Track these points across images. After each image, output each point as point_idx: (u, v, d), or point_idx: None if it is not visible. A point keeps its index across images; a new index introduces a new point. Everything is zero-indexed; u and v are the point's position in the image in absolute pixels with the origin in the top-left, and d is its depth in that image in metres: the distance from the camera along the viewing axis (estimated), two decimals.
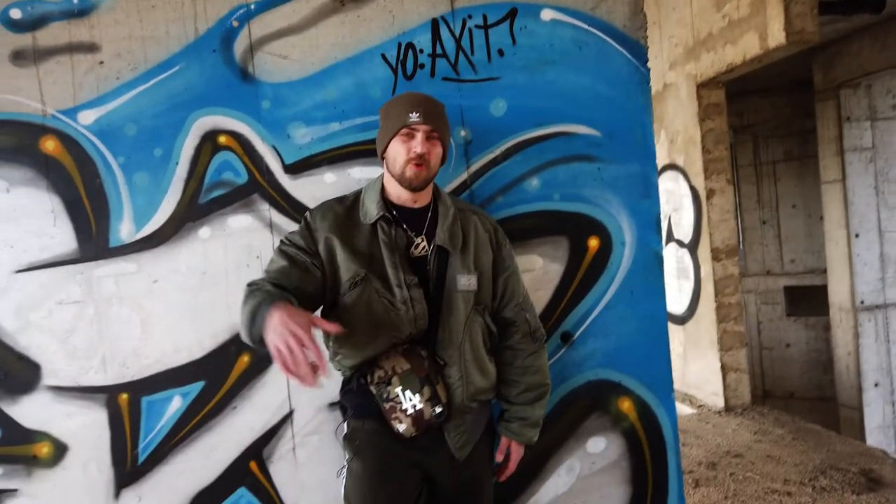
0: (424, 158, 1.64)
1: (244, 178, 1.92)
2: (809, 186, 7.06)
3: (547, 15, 2.06)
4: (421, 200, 1.73)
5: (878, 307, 5.67)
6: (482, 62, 2.03)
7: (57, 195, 1.84)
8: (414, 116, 1.63)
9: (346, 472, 1.70)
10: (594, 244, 2.12)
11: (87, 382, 1.86)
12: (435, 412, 1.63)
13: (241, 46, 1.91)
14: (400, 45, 1.98)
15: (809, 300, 7.13)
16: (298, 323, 1.34)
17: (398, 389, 1.62)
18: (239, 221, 1.92)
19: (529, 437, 1.82)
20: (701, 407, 5.30)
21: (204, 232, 1.90)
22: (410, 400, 1.61)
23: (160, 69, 1.87)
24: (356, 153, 1.96)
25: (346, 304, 1.65)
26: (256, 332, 1.42)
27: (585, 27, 2.09)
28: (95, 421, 1.87)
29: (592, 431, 2.14)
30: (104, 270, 1.86)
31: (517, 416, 1.80)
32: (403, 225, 1.71)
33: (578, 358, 2.12)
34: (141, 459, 1.89)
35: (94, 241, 1.86)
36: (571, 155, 2.09)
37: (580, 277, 2.12)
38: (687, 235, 5.37)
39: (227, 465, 1.93)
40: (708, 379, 5.28)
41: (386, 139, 1.69)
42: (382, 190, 1.73)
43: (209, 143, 1.90)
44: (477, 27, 2.02)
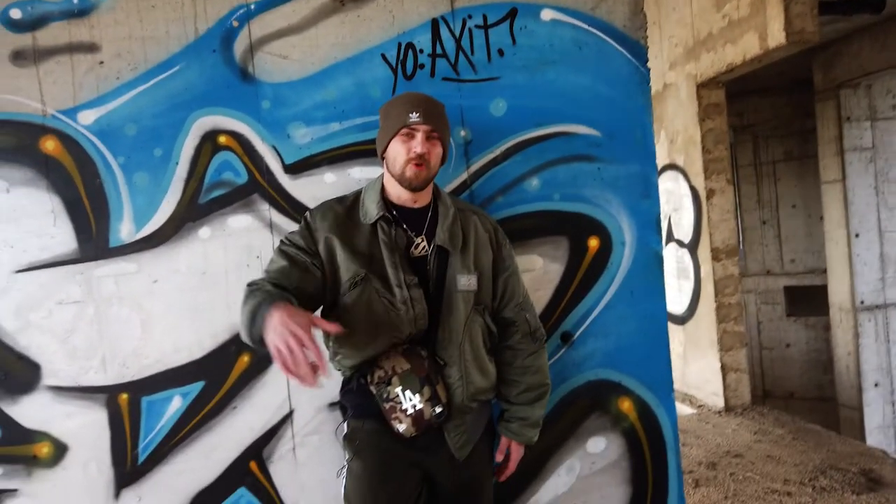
0: (424, 158, 1.64)
1: (244, 178, 1.92)
2: (809, 186, 7.06)
3: (547, 15, 2.06)
4: (421, 200, 1.73)
5: (878, 307, 5.68)
6: (482, 62, 2.03)
7: (57, 195, 1.84)
8: (414, 116, 1.63)
9: (346, 472, 1.70)
10: (594, 244, 2.12)
11: (87, 382, 1.86)
12: (435, 412, 1.63)
13: (241, 46, 1.91)
14: (400, 44, 1.98)
15: (809, 300, 7.13)
16: (298, 323, 1.35)
17: (398, 389, 1.62)
18: (239, 221, 1.92)
19: (529, 437, 1.82)
20: (701, 407, 5.30)
21: (204, 232, 1.90)
22: (410, 400, 1.61)
23: (160, 69, 1.87)
24: (356, 153, 1.96)
25: (345, 304, 1.65)
26: (256, 331, 1.42)
27: (585, 27, 2.09)
28: (95, 421, 1.87)
29: (592, 431, 2.14)
30: (104, 270, 1.86)
31: (517, 416, 1.80)
32: (403, 225, 1.71)
33: (578, 358, 2.12)
34: (141, 459, 1.89)
35: (94, 241, 1.86)
36: (571, 155, 2.09)
37: (580, 277, 2.12)
38: (687, 235, 5.37)
39: (227, 465, 1.93)
40: (708, 379, 5.28)
41: (386, 139, 1.69)
42: (382, 190, 1.73)
43: (209, 143, 1.90)
44: (477, 27, 2.02)
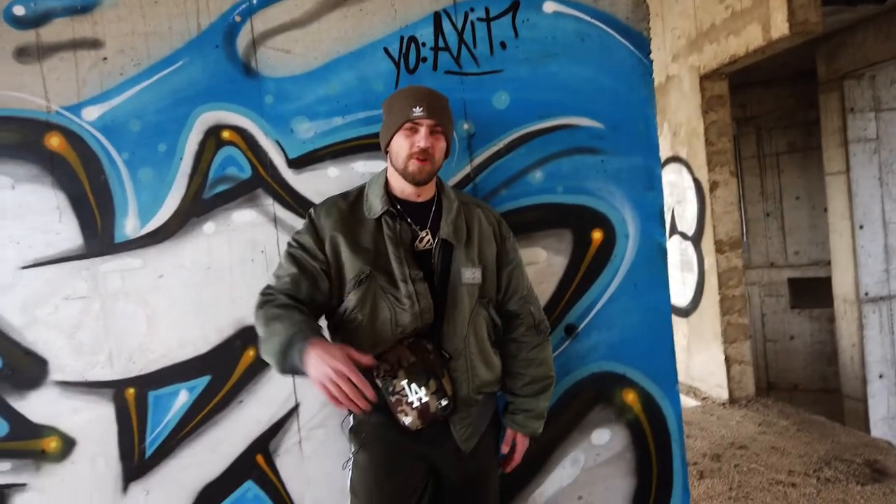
0: (428, 153, 1.64)
1: (248, 173, 1.92)
2: (813, 178, 7.04)
3: (549, 7, 2.05)
4: (425, 194, 1.73)
5: (882, 298, 5.67)
6: (485, 55, 2.02)
7: (62, 191, 1.85)
8: (417, 111, 1.63)
9: (351, 464, 1.71)
10: (598, 237, 2.12)
11: (93, 377, 1.88)
12: (440, 405, 1.63)
13: (243, 41, 1.91)
14: (402, 38, 1.98)
15: (813, 292, 7.12)
16: (337, 357, 1.41)
17: (404, 382, 1.62)
18: (243, 216, 1.92)
19: (534, 428, 1.82)
20: (705, 399, 5.30)
21: (208, 227, 1.91)
22: (416, 393, 1.62)
23: (163, 65, 1.88)
24: (359, 147, 1.96)
25: (351, 300, 1.66)
26: (290, 365, 1.48)
27: (588, 19, 2.08)
28: (103, 415, 1.88)
29: (597, 423, 2.15)
30: (110, 266, 1.87)
31: (522, 408, 1.81)
32: (408, 219, 1.71)
33: (582, 350, 2.12)
34: (148, 453, 1.90)
35: (99, 236, 1.87)
36: (575, 147, 2.09)
37: (584, 270, 2.12)
38: (690, 228, 5.36)
39: (233, 458, 1.94)
40: (712, 371, 5.29)
41: (389, 134, 1.68)
42: (386, 184, 1.73)
43: (213, 138, 1.90)
44: (479, 20, 2.02)
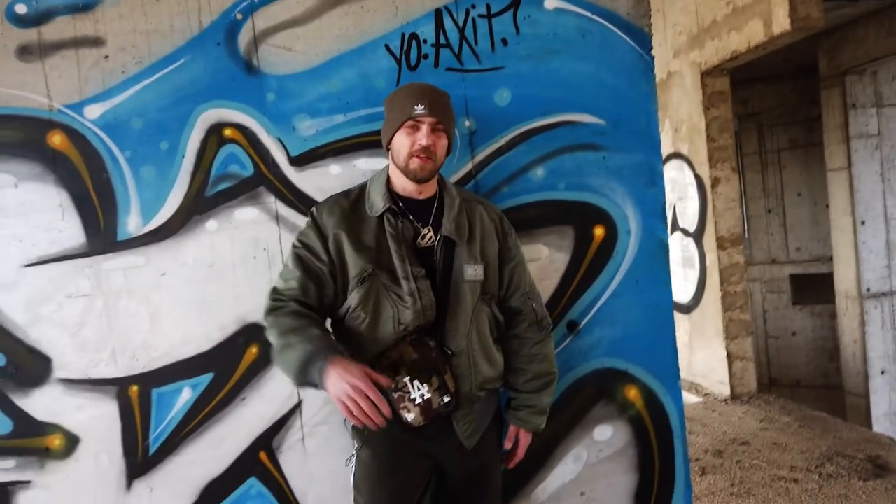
0: (430, 151, 1.64)
1: (250, 170, 1.93)
2: (815, 174, 7.03)
3: (550, 3, 2.05)
4: (426, 191, 1.73)
5: (884, 294, 5.66)
6: (486, 52, 2.02)
7: (65, 189, 1.85)
8: (419, 109, 1.63)
9: (354, 460, 1.72)
10: (599, 233, 2.12)
11: (97, 375, 1.88)
12: (443, 402, 1.63)
13: (245, 39, 1.91)
14: (404, 35, 1.98)
15: (815, 288, 7.12)
16: (355, 374, 1.47)
17: (406, 379, 1.63)
18: (245, 214, 1.93)
19: (537, 424, 1.83)
20: (707, 395, 5.31)
21: (211, 224, 1.91)
22: (419, 390, 1.62)
23: (165, 63, 1.88)
24: (361, 144, 1.96)
25: (353, 299, 1.66)
26: (308, 381, 1.55)
27: (589, 15, 2.08)
28: (106, 413, 1.88)
29: (599, 419, 2.15)
30: (113, 264, 1.87)
31: (525, 403, 1.81)
32: (410, 216, 1.71)
33: (585, 346, 2.12)
34: (152, 451, 1.91)
35: (102, 234, 1.87)
36: (576, 144, 2.09)
37: (586, 266, 2.12)
38: (692, 224, 5.36)
39: (237, 455, 1.94)
40: (714, 367, 5.29)
41: (391, 131, 1.68)
42: (388, 182, 1.73)
43: (215, 135, 1.90)
44: (480, 17, 2.02)
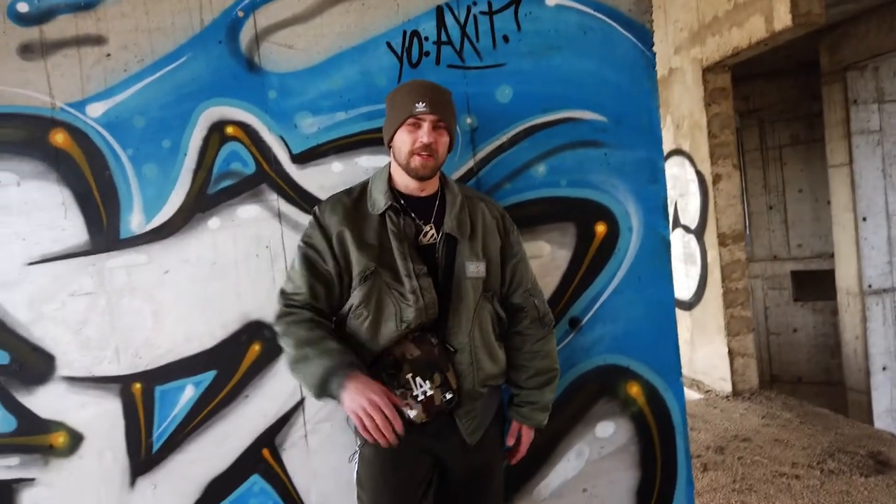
0: (431, 149, 1.64)
1: (252, 168, 1.93)
2: (816, 170, 7.03)
3: (552, 0, 2.05)
4: (428, 189, 1.74)
5: (885, 291, 5.66)
6: (487, 49, 2.02)
7: (67, 188, 1.85)
8: (420, 106, 1.63)
9: (358, 457, 1.72)
10: (601, 230, 2.12)
11: (100, 372, 1.88)
12: (445, 398, 1.64)
13: (246, 37, 1.91)
14: (405, 32, 1.98)
15: (817, 285, 7.12)
16: (373, 390, 1.54)
17: (408, 376, 1.63)
18: (248, 211, 1.93)
19: (539, 420, 1.83)
20: (708, 392, 5.31)
21: (213, 222, 1.91)
22: (421, 386, 1.63)
23: (167, 61, 1.88)
24: (363, 142, 1.96)
25: (356, 297, 1.66)
26: (326, 394, 1.59)
27: (590, 12, 2.07)
28: (110, 410, 1.89)
29: (601, 416, 2.15)
30: (115, 262, 1.88)
31: (527, 400, 1.82)
32: (412, 214, 1.71)
33: (587, 343, 2.13)
34: (155, 448, 1.91)
35: (104, 232, 1.87)
36: (578, 141, 2.09)
37: (588, 263, 2.12)
38: (693, 221, 5.36)
39: (240, 452, 1.95)
40: (715, 364, 5.29)
41: (392, 129, 1.69)
42: (389, 179, 1.73)
43: (217, 133, 1.90)
44: (482, 13, 2.01)
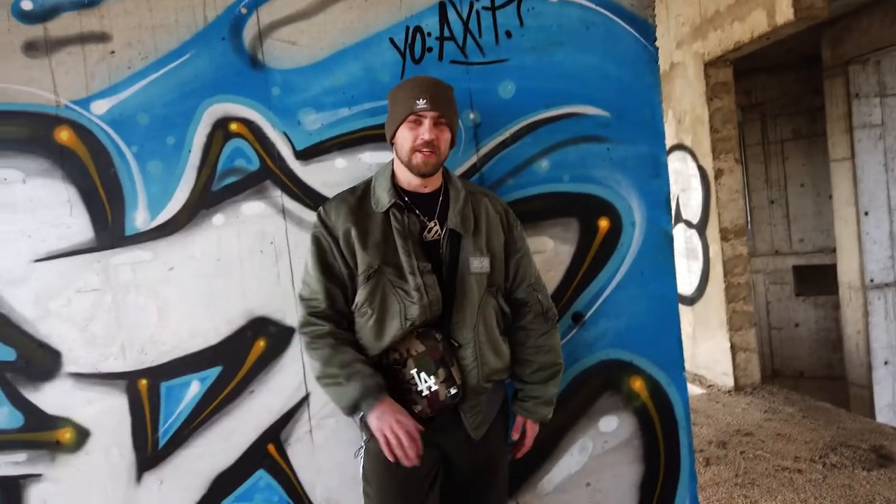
0: (433, 145, 1.64)
1: (256, 164, 1.93)
2: (818, 165, 7.02)
3: None
4: (431, 185, 1.74)
5: (887, 285, 5.66)
6: (490, 44, 2.03)
7: (72, 185, 1.86)
8: (421, 103, 1.63)
9: (363, 452, 1.73)
10: (604, 225, 2.13)
11: (106, 369, 1.89)
12: (450, 393, 1.65)
13: (249, 33, 1.91)
14: (408, 28, 1.98)
15: (818, 279, 7.12)
16: (401, 412, 1.61)
17: (413, 371, 1.64)
18: (252, 208, 1.93)
19: (544, 414, 1.84)
20: (711, 387, 5.32)
21: (218, 219, 1.92)
22: (425, 382, 1.64)
23: (170, 58, 1.88)
24: (366, 138, 1.97)
25: (361, 295, 1.67)
26: (356, 413, 1.64)
27: (593, 7, 2.07)
28: (116, 406, 1.90)
29: (604, 410, 2.16)
30: (121, 259, 1.89)
31: (531, 394, 1.83)
32: (416, 210, 1.72)
33: (590, 338, 2.13)
34: (161, 443, 1.92)
35: (110, 229, 1.88)
36: (580, 136, 2.09)
37: (591, 258, 2.13)
38: (695, 216, 5.36)
39: (245, 448, 1.96)
40: (717, 359, 5.30)
41: (394, 126, 1.69)
42: (393, 176, 1.74)
43: (221, 130, 1.91)
44: (484, 9, 2.02)
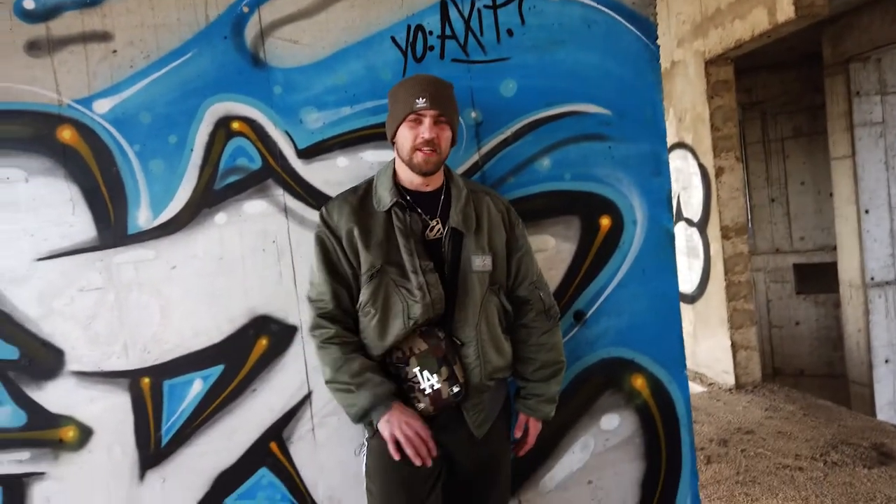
0: (433, 144, 1.65)
1: (258, 163, 1.94)
2: (819, 163, 7.02)
3: None
4: (433, 184, 1.74)
5: (888, 283, 5.66)
6: (491, 43, 2.03)
7: (75, 184, 1.86)
8: (421, 102, 1.63)
9: (366, 450, 1.74)
10: (606, 223, 2.13)
11: (109, 367, 1.90)
12: (453, 391, 1.65)
13: (251, 32, 1.91)
14: (409, 27, 1.98)
15: (819, 277, 7.11)
16: (413, 415, 1.64)
17: (416, 370, 1.64)
18: (254, 207, 1.94)
19: (546, 412, 1.84)
20: (712, 385, 5.33)
21: (220, 218, 1.92)
22: (428, 380, 1.64)
23: (172, 57, 1.88)
24: (368, 137, 1.97)
25: (364, 294, 1.68)
26: (366, 421, 1.67)
27: (594, 5, 2.08)
28: (119, 405, 1.90)
29: (606, 408, 2.17)
30: (123, 257, 1.89)
31: (533, 392, 1.83)
32: (418, 209, 1.72)
33: (592, 336, 2.14)
34: (164, 442, 1.93)
35: (112, 228, 1.88)
36: (582, 134, 2.09)
37: (592, 256, 2.13)
38: (696, 214, 5.36)
39: (248, 446, 1.96)
40: (718, 357, 5.30)
41: (394, 124, 1.69)
42: (394, 175, 1.74)
43: (223, 129, 1.91)
44: (486, 7, 2.02)
